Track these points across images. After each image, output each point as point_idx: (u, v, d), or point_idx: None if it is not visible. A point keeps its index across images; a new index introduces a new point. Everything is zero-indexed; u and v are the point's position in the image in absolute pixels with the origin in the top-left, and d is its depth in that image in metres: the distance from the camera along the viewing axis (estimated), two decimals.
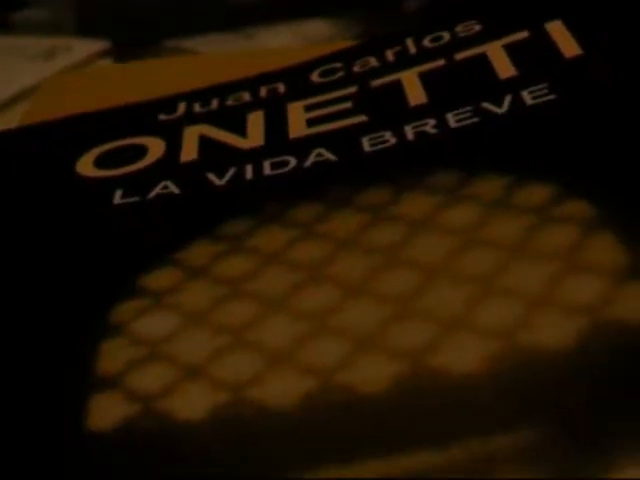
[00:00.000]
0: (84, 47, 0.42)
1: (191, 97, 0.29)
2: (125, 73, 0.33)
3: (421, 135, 0.24)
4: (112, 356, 0.19)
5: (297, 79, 0.29)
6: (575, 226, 0.19)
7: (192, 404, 0.18)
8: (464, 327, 0.18)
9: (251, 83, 0.29)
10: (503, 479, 0.15)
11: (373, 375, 0.17)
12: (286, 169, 0.24)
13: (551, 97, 0.23)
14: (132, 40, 0.41)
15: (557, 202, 0.20)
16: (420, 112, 0.25)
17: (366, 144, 0.24)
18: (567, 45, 0.25)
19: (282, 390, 0.17)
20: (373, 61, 0.28)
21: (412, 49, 0.28)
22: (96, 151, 0.27)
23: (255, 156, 0.25)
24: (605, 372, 0.16)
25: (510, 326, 0.17)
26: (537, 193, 0.21)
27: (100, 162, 0.27)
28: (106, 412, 0.18)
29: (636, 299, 0.17)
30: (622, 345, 0.16)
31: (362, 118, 0.25)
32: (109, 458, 0.17)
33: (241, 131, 0.27)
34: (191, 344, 0.19)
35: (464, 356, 0.17)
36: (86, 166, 0.26)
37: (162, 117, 0.28)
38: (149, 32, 0.42)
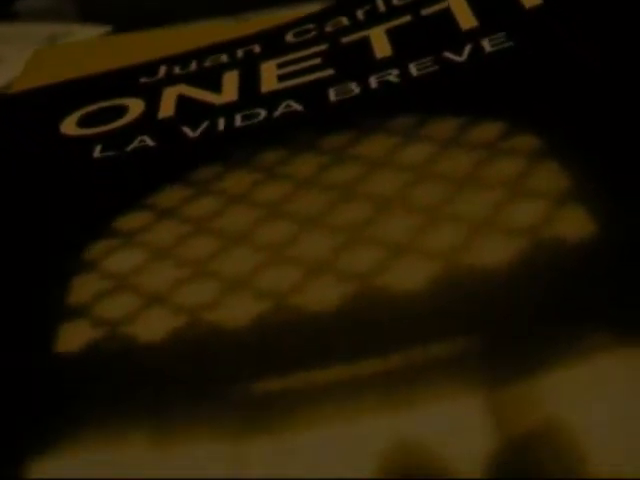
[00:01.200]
0: (85, 32, 0.43)
1: (171, 61, 0.30)
2: (111, 43, 0.34)
3: (384, 84, 0.24)
4: (82, 289, 0.20)
5: (272, 40, 0.29)
6: (521, 157, 0.20)
7: (153, 328, 0.18)
8: (410, 251, 0.18)
9: (229, 46, 0.30)
10: (438, 384, 0.15)
11: (322, 296, 0.18)
12: (256, 120, 0.25)
13: (509, 44, 0.24)
14: (133, 25, 0.42)
15: (506, 137, 0.21)
16: (385, 64, 0.25)
17: (332, 94, 0.25)
18: None
19: (237, 312, 0.18)
20: (344, 20, 0.29)
21: (381, 8, 0.29)
22: (79, 113, 0.28)
23: (228, 110, 0.26)
24: (543, 287, 0.16)
25: (454, 249, 0.18)
26: (488, 130, 0.21)
27: (82, 122, 0.27)
28: (74, 337, 0.19)
29: (574, 219, 0.18)
30: (560, 262, 0.17)
31: (330, 72, 0.26)
32: (76, 378, 0.18)
33: (216, 88, 0.27)
34: (155, 276, 0.20)
35: (408, 276, 0.18)
36: (69, 126, 0.27)
37: (143, 80, 0.29)
38: (149, 17, 0.43)
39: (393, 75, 0.25)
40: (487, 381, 0.15)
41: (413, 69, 0.24)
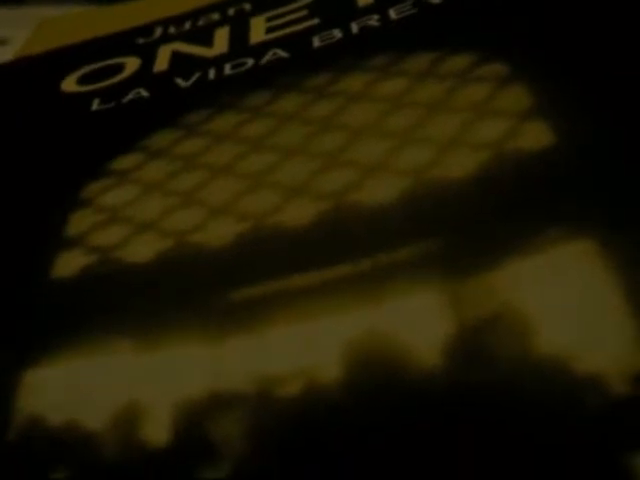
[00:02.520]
0: None
1: (167, 22, 0.31)
2: (109, 11, 0.35)
3: (365, 28, 0.25)
4: (78, 223, 0.21)
5: None
6: (489, 83, 0.20)
7: (142, 251, 0.19)
8: (382, 170, 0.19)
9: (221, 5, 0.31)
10: (403, 283, 0.16)
11: (299, 214, 0.18)
12: (244, 68, 0.25)
13: None
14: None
15: (475, 66, 0.21)
16: (366, 10, 0.26)
17: (316, 41, 0.25)
18: None
19: (219, 233, 0.19)
20: None
21: None
22: (78, 73, 0.29)
23: (218, 61, 0.26)
24: (504, 191, 0.17)
25: (422, 165, 0.19)
26: (459, 62, 0.22)
27: (81, 80, 0.28)
28: (69, 264, 0.20)
29: (536, 133, 0.18)
30: (521, 170, 0.17)
31: (315, 21, 0.27)
32: (70, 297, 0.18)
33: (208, 43, 0.28)
34: (145, 207, 0.21)
35: (379, 192, 0.18)
36: (69, 84, 0.28)
37: (140, 40, 0.30)
38: None
39: (373, 20, 0.25)
40: (448, 276, 0.16)
41: (392, 13, 0.25)
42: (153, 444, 0.15)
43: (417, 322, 0.15)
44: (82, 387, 0.16)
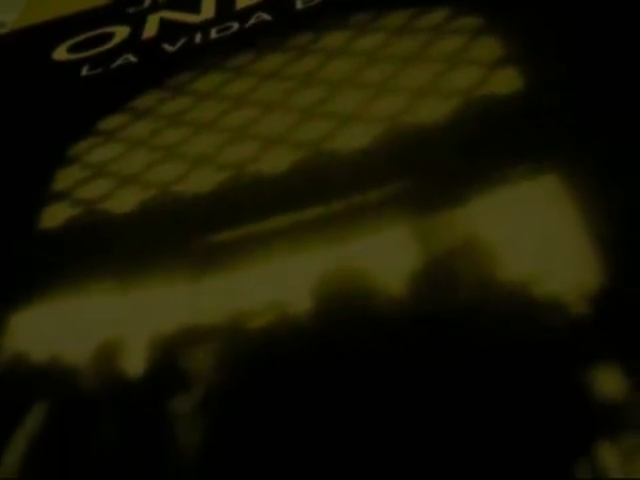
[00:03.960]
0: None
1: None
2: None
3: None
4: (65, 178, 0.21)
5: None
6: (462, 35, 0.21)
7: (125, 202, 0.19)
8: (357, 119, 0.19)
9: None
10: (373, 220, 0.16)
11: (276, 162, 0.19)
12: (229, 32, 0.26)
13: None
14: None
15: (450, 21, 0.21)
16: None
17: (299, 3, 0.25)
18: None
19: (200, 182, 0.19)
20: None
21: None
22: (70, 42, 0.29)
23: (204, 26, 0.27)
24: (473, 132, 0.17)
25: (395, 113, 0.19)
26: (434, 17, 0.22)
27: (72, 49, 0.28)
28: (55, 216, 0.20)
29: (504, 81, 0.18)
30: (490, 115, 0.18)
31: None
32: (56, 245, 0.19)
33: (195, 10, 0.28)
34: (130, 162, 0.21)
35: (353, 139, 0.19)
36: (60, 53, 0.28)
37: (130, 10, 0.30)
38: None
39: None
40: (416, 213, 0.16)
41: None
42: (132, 375, 0.15)
43: (385, 255, 0.15)
44: (66, 325, 0.16)
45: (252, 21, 0.26)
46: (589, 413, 0.11)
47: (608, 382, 0.12)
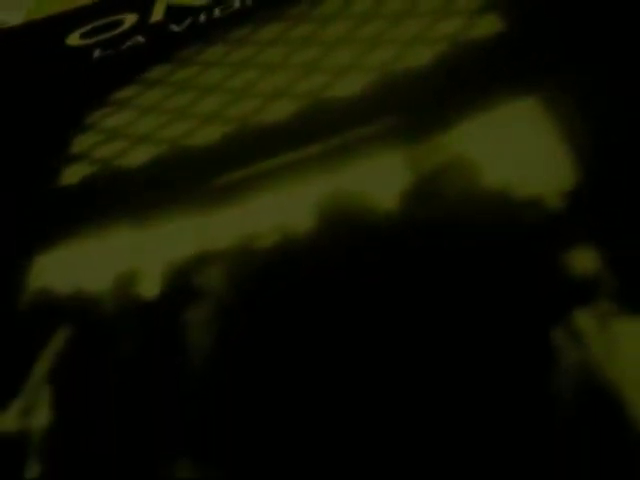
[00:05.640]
0: None
1: None
2: None
3: None
4: (82, 142, 0.22)
5: None
6: None
7: (138, 158, 0.21)
8: (351, 69, 0.20)
9: None
10: (366, 151, 0.17)
11: (278, 113, 0.20)
12: (230, 9, 0.27)
13: None
14: None
15: None
16: None
17: None
18: None
19: (207, 135, 0.20)
20: None
21: None
22: (82, 29, 0.30)
23: (208, 7, 0.28)
24: (456, 69, 0.18)
25: (386, 62, 0.20)
26: None
27: (84, 35, 0.30)
28: (75, 173, 0.21)
29: (486, 26, 0.19)
30: (472, 55, 0.19)
31: None
32: (75, 198, 0.20)
33: None
34: (141, 125, 0.22)
35: (347, 86, 0.20)
36: (73, 40, 0.30)
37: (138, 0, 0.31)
38: None
39: None
40: (406, 140, 0.17)
41: None
42: (147, 296, 0.16)
43: (378, 178, 0.16)
44: (87, 261, 0.17)
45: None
46: (567, 287, 0.12)
47: (583, 261, 0.12)
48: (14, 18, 0.40)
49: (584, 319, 0.12)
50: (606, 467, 0.10)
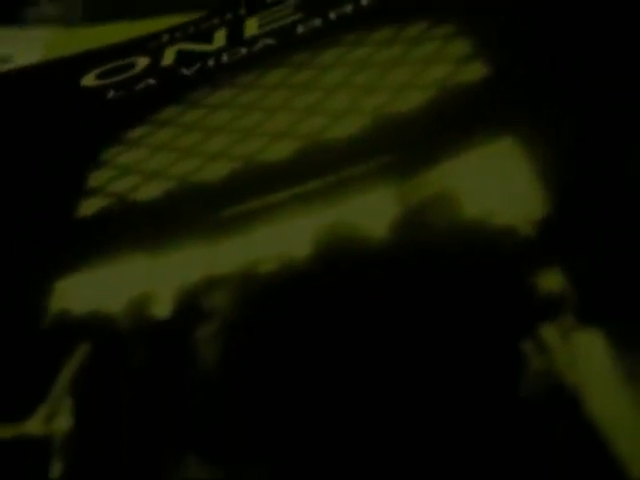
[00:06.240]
0: None
1: (172, 30, 0.34)
2: (120, 26, 0.38)
3: (340, 15, 0.28)
4: (97, 178, 0.24)
5: (254, 3, 0.34)
6: (437, 41, 0.23)
7: (150, 192, 0.22)
8: (348, 113, 0.22)
9: (219, 12, 0.34)
10: (360, 187, 0.19)
11: (279, 152, 0.22)
12: (238, 55, 0.29)
13: None
14: None
15: (429, 30, 0.24)
16: (342, 2, 0.29)
17: (299, 29, 0.29)
18: None
19: (214, 173, 0.22)
20: None
21: None
22: (97, 70, 0.32)
23: (217, 52, 0.30)
24: (443, 114, 0.20)
25: (382, 104, 0.22)
26: (414, 29, 0.25)
27: (98, 76, 0.32)
28: (91, 206, 0.23)
29: (473, 71, 0.21)
30: (460, 97, 0.20)
31: (299, 15, 0.30)
32: (92, 228, 0.22)
33: (208, 40, 0.31)
34: (152, 162, 0.24)
35: (344, 129, 0.21)
36: (88, 80, 0.32)
37: (150, 45, 0.34)
38: None
39: (348, 8, 0.29)
40: (396, 177, 0.18)
41: (364, 2, 0.28)
42: (159, 316, 0.17)
43: (370, 210, 0.18)
44: (103, 286, 0.19)
45: (259, 46, 0.29)
46: (536, 304, 0.14)
47: (550, 282, 0.14)
48: (25, 57, 0.42)
49: (549, 332, 0.13)
50: (567, 453, 0.12)
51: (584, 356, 0.13)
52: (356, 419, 0.14)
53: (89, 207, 0.23)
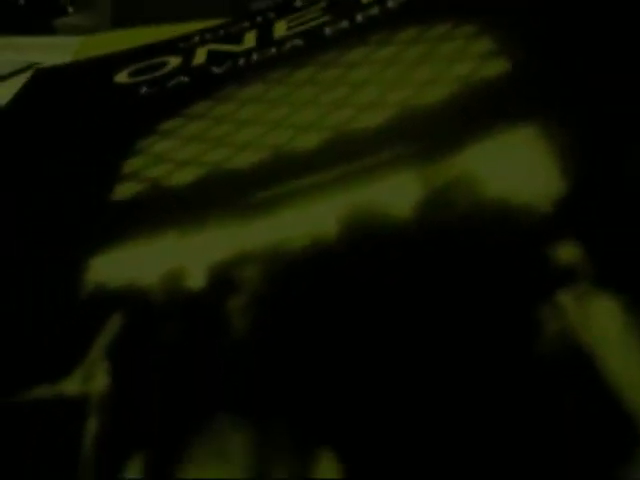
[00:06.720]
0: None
1: (203, 32, 0.35)
2: (150, 31, 0.40)
3: (368, 17, 0.29)
4: (133, 164, 0.25)
5: (284, 6, 0.35)
6: (460, 40, 0.24)
7: (183, 177, 0.23)
8: (374, 106, 0.23)
9: (249, 16, 0.35)
10: (385, 172, 0.20)
11: (308, 142, 0.22)
12: (268, 55, 0.30)
13: None
14: None
15: (452, 30, 0.25)
16: (369, 5, 0.30)
17: (327, 30, 0.30)
18: None
19: (246, 160, 0.23)
20: None
21: None
22: (130, 69, 0.33)
23: (247, 52, 0.31)
24: (466, 104, 0.21)
25: (408, 98, 0.23)
26: (438, 29, 0.26)
27: (131, 74, 0.33)
28: (124, 191, 0.24)
29: (495, 67, 0.22)
30: (482, 91, 0.21)
31: (326, 18, 0.31)
32: (128, 212, 0.23)
33: (238, 41, 0.33)
34: (185, 151, 0.25)
35: (370, 120, 0.22)
36: (121, 77, 0.33)
37: (181, 45, 0.35)
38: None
39: (374, 11, 0.29)
40: (421, 162, 0.19)
41: (390, 3, 0.29)
42: (192, 288, 0.18)
43: (395, 192, 0.19)
44: (137, 262, 0.20)
45: (287, 47, 0.30)
46: (553, 272, 0.14)
47: (566, 253, 0.15)
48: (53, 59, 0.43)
49: (565, 297, 0.14)
50: (582, 409, 0.12)
51: (596, 317, 0.13)
52: (379, 385, 0.14)
53: (125, 191, 0.24)
